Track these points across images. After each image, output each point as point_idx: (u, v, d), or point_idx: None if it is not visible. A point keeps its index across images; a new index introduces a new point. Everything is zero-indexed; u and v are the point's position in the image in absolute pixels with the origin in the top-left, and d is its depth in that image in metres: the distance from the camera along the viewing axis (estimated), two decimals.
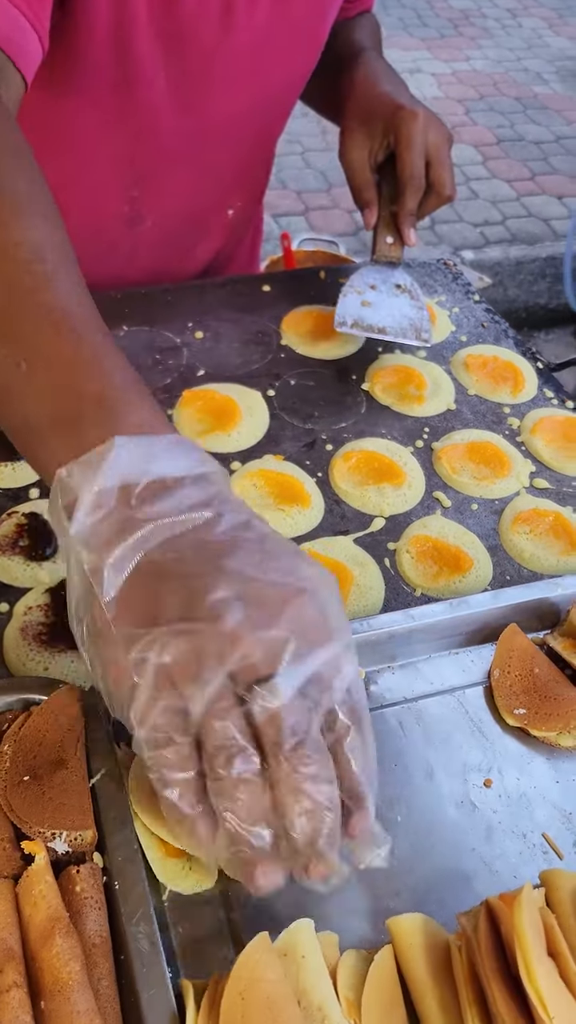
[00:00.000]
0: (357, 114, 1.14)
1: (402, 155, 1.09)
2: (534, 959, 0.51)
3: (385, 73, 1.21)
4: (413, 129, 1.08)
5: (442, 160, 1.11)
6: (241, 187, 1.33)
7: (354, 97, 1.16)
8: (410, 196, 1.11)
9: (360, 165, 1.13)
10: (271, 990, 0.52)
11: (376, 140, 1.12)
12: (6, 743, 0.63)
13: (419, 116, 1.08)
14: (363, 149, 1.13)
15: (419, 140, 1.08)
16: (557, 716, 0.74)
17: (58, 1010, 0.51)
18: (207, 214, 1.32)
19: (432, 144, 1.09)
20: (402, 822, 0.68)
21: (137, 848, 0.60)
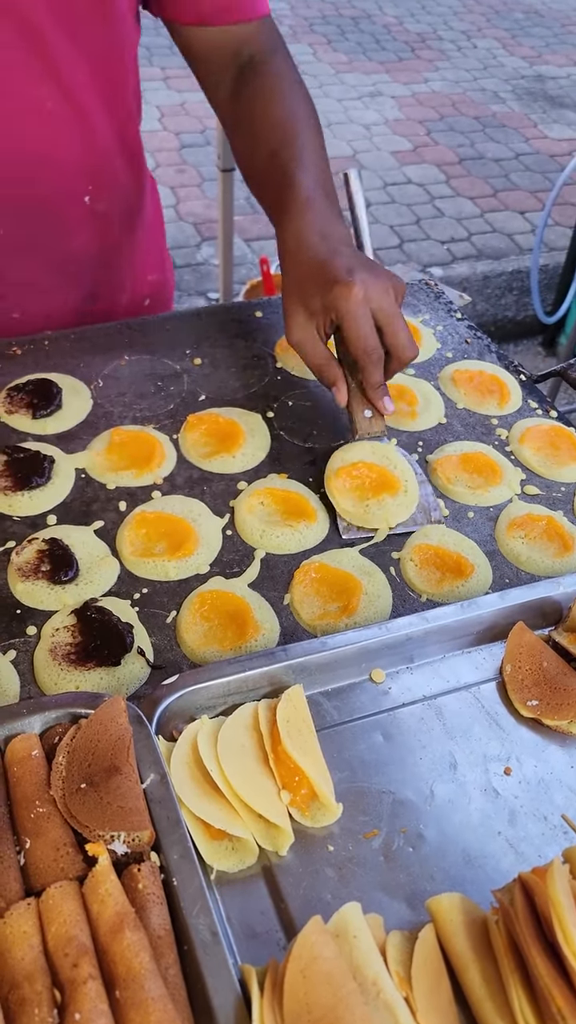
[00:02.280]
0: (295, 292, 1.06)
1: (349, 335, 1.03)
2: (569, 923, 0.55)
3: (312, 214, 1.10)
4: (353, 305, 1.00)
5: (393, 324, 1.03)
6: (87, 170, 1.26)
7: (288, 271, 1.09)
8: (371, 371, 1.06)
9: (311, 346, 1.06)
10: (329, 967, 0.56)
11: (319, 317, 1.05)
12: (60, 755, 0.67)
13: (354, 288, 1.00)
14: (308, 329, 1.06)
15: (362, 311, 1.01)
16: (568, 706, 0.79)
17: (132, 997, 0.55)
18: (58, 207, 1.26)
19: (378, 309, 1.02)
20: (431, 810, 0.73)
21: (191, 845, 0.64)
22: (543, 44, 6.46)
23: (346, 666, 0.82)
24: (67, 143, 1.21)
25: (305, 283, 1.05)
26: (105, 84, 1.22)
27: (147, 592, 0.98)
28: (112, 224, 1.35)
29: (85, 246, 1.33)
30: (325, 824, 0.72)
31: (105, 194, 1.30)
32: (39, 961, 0.57)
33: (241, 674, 0.78)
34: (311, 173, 1.15)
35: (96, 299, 1.40)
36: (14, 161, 1.18)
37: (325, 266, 1.04)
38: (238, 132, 1.28)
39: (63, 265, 1.33)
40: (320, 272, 1.04)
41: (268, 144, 1.20)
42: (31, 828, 0.64)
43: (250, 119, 1.24)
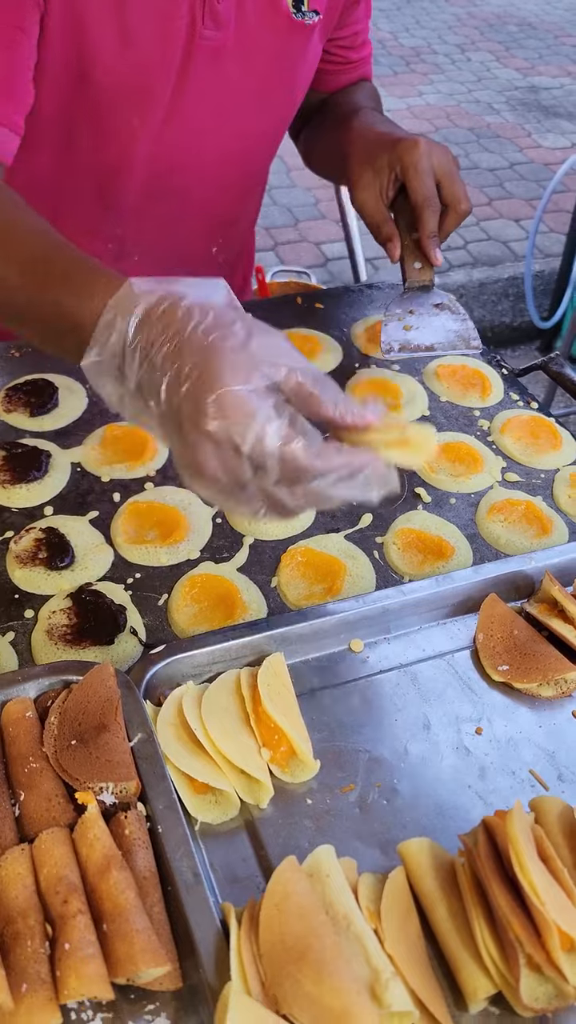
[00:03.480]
0: (361, 157, 1.17)
1: (411, 182, 1.12)
2: (526, 857, 0.59)
3: (382, 119, 1.26)
4: (416, 155, 1.11)
5: (452, 177, 1.13)
6: (222, 226, 1.42)
7: (354, 144, 1.20)
8: (429, 218, 1.14)
9: (373, 204, 1.16)
10: (302, 901, 0.60)
11: (383, 176, 1.14)
12: (52, 715, 0.72)
13: (419, 143, 1.12)
14: (373, 188, 1.15)
15: (425, 164, 1.11)
16: (537, 670, 0.83)
17: (119, 930, 0.59)
18: (190, 251, 1.41)
19: (439, 165, 1.12)
20: (405, 767, 0.77)
21: (175, 797, 0.68)
22: (536, 56, 6.54)
23: (326, 637, 0.87)
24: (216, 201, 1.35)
25: (372, 148, 1.16)
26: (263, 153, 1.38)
27: (140, 577, 1.02)
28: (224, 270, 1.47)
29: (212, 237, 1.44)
30: (304, 779, 0.76)
31: (230, 247, 1.46)
32: (32, 899, 0.61)
33: (225, 643, 0.82)
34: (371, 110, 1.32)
35: None
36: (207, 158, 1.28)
37: (391, 134, 1.16)
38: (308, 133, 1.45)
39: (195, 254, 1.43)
40: (386, 137, 1.16)
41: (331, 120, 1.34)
42: (25, 782, 0.68)
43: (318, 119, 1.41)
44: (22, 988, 0.57)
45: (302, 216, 4.43)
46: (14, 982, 0.57)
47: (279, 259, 4.07)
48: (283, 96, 1.30)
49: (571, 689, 0.85)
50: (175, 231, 1.35)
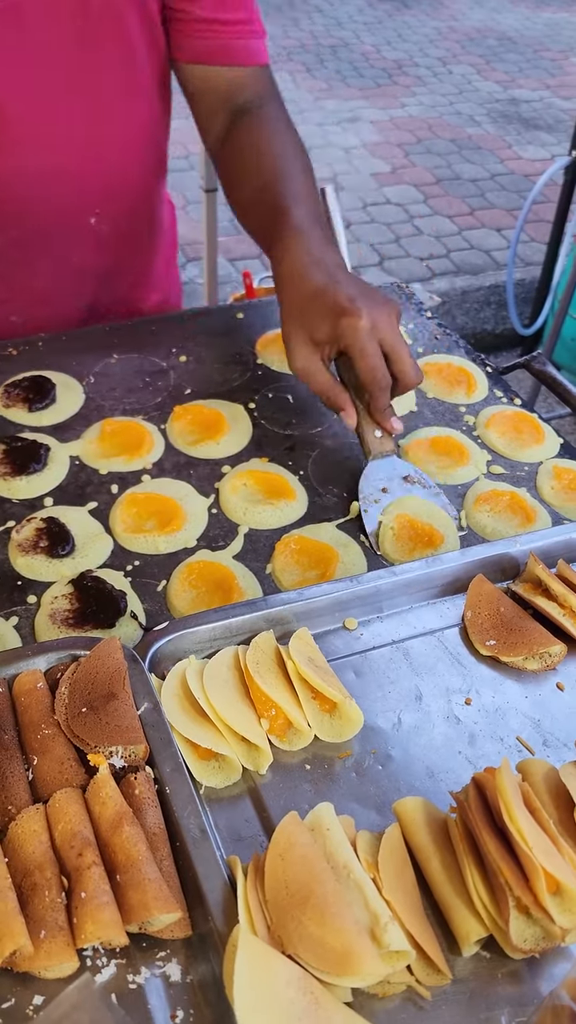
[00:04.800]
0: (296, 319, 1.08)
1: (360, 365, 1.06)
2: (514, 806, 0.63)
3: (309, 242, 1.12)
4: (362, 337, 1.03)
5: (399, 352, 1.06)
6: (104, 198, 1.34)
7: (286, 299, 1.11)
8: (380, 397, 1.09)
9: (317, 372, 1.09)
10: (304, 851, 0.64)
11: (324, 346, 1.08)
12: (63, 686, 0.75)
13: (360, 318, 1.02)
14: (313, 358, 1.08)
15: (371, 345, 1.04)
16: (522, 644, 0.88)
17: (131, 880, 0.63)
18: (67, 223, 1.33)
19: (385, 339, 1.05)
20: (399, 734, 0.81)
21: (181, 761, 0.72)
22: (516, 69, 6.65)
23: (321, 615, 0.91)
24: (80, 163, 1.28)
25: (306, 311, 1.07)
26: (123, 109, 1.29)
27: (139, 564, 1.05)
28: (115, 245, 1.41)
29: (86, 263, 1.40)
30: (301, 747, 0.80)
31: (111, 216, 1.37)
32: (48, 854, 0.64)
33: (225, 621, 0.86)
34: (302, 204, 1.18)
35: (95, 312, 1.47)
36: (32, 174, 1.25)
37: (326, 294, 1.05)
38: (229, 169, 1.33)
39: (64, 278, 1.41)
40: (321, 300, 1.05)
41: (259, 178, 1.24)
42: (38, 747, 0.72)
43: (241, 157, 1.29)
44: (41, 935, 0.60)
45: None
46: (33, 929, 0.61)
47: (264, 267, 4.12)
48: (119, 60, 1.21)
49: (555, 662, 0.89)
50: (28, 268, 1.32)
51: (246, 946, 0.59)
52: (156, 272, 1.55)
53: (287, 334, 1.10)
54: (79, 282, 1.42)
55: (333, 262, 1.11)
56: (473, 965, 0.66)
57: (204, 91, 1.33)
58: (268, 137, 1.29)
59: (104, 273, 1.44)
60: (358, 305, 1.03)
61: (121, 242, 1.42)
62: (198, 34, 1.27)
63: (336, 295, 1.04)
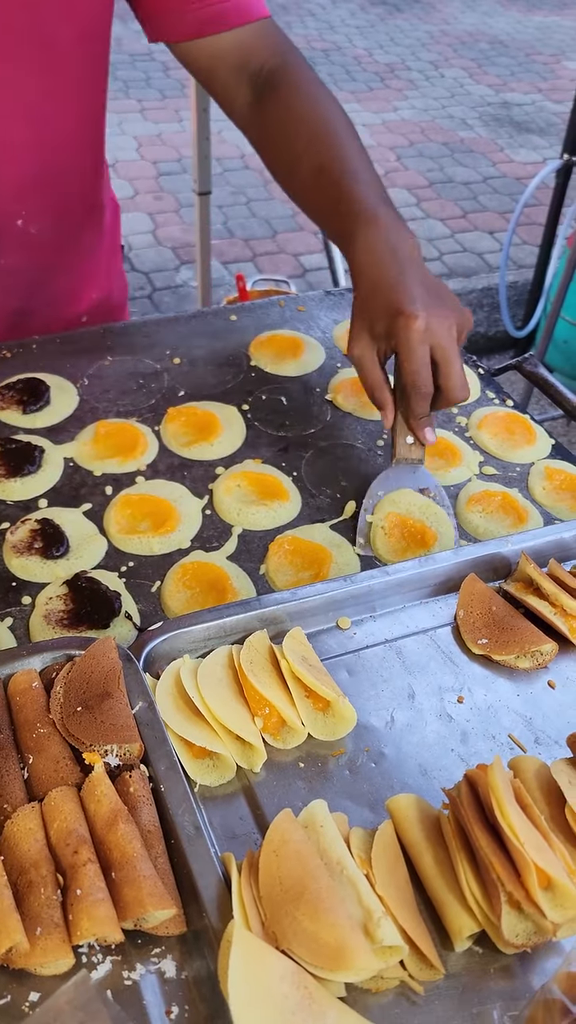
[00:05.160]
0: (362, 312, 1.07)
1: (403, 365, 1.03)
2: (506, 802, 0.64)
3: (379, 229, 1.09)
4: (413, 338, 1.01)
5: (449, 364, 1.03)
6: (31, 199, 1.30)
7: (358, 288, 1.09)
8: (417, 404, 1.06)
9: (370, 364, 1.07)
10: (298, 847, 0.64)
11: (381, 342, 1.06)
12: (58, 685, 0.76)
13: (418, 321, 1.00)
14: (370, 350, 1.07)
15: (419, 349, 1.01)
16: (514, 643, 0.88)
17: (126, 876, 0.63)
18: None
19: (437, 346, 1.02)
20: (392, 732, 0.82)
21: (175, 759, 0.73)
22: (508, 73, 6.68)
23: (314, 615, 0.91)
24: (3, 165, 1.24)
25: (373, 304, 1.05)
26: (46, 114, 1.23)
27: (133, 565, 1.06)
28: (46, 247, 1.37)
29: (16, 264, 1.36)
30: (295, 745, 0.80)
31: (40, 218, 1.33)
32: (43, 852, 0.65)
33: (219, 620, 0.87)
34: (369, 184, 1.15)
35: (30, 314, 1.44)
36: None
37: (394, 290, 1.03)
38: (270, 145, 1.26)
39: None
40: (385, 295, 1.03)
41: (313, 158, 1.18)
42: (33, 746, 0.72)
43: (283, 131, 1.23)
44: (36, 932, 0.61)
45: (280, 228, 4.50)
46: (29, 926, 0.61)
47: (258, 270, 4.14)
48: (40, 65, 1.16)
49: (546, 660, 0.90)
50: None
51: (240, 941, 0.59)
52: (95, 271, 1.52)
53: (352, 321, 1.09)
54: (6, 283, 1.38)
55: (407, 254, 1.08)
56: (465, 960, 0.67)
57: (214, 66, 1.26)
58: (306, 104, 1.22)
59: (35, 274, 1.41)
60: (417, 307, 1.01)
61: (53, 244, 1.39)
62: (183, 10, 1.21)
63: (401, 293, 1.03)
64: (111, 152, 5.32)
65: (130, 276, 4.04)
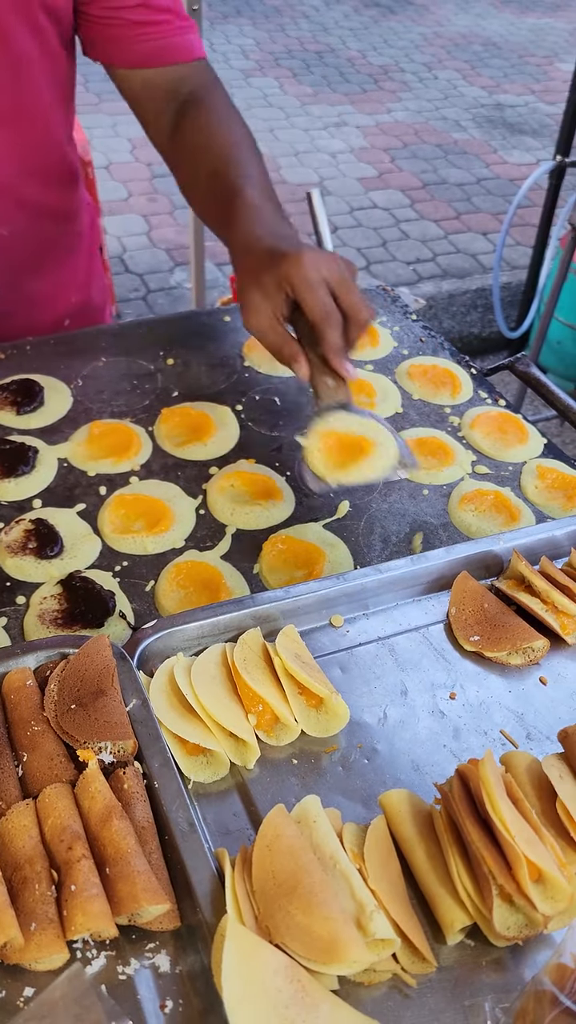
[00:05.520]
0: (248, 278, 1.09)
1: (306, 300, 1.04)
2: (497, 796, 0.65)
3: (261, 216, 1.14)
4: (304, 272, 1.03)
5: (347, 286, 1.05)
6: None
7: (239, 260, 1.12)
8: (331, 332, 1.05)
9: (268, 327, 1.08)
10: (291, 842, 0.65)
11: (274, 297, 1.06)
12: (52, 683, 0.76)
13: (303, 256, 1.03)
14: (265, 311, 1.07)
15: (315, 278, 1.03)
16: (506, 640, 0.89)
17: (121, 872, 0.64)
18: None
19: (330, 276, 1.05)
20: (384, 728, 0.83)
21: (169, 756, 0.73)
22: (501, 74, 6.70)
23: (307, 613, 0.92)
24: None
25: (258, 269, 1.08)
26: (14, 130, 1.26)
27: (127, 565, 1.06)
28: (18, 249, 1.39)
29: None
30: (288, 742, 0.81)
31: (11, 226, 1.35)
32: (38, 848, 0.65)
33: (213, 618, 0.87)
34: (256, 185, 1.19)
35: (8, 315, 1.45)
36: None
37: (275, 249, 1.07)
38: (180, 162, 1.33)
39: None
40: (269, 257, 1.07)
41: (210, 165, 1.24)
42: (27, 744, 0.72)
43: (191, 147, 1.29)
44: (31, 927, 0.61)
45: None
46: (24, 922, 0.61)
47: None
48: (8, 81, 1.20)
49: (538, 657, 0.90)
50: None
51: (234, 936, 0.60)
52: (74, 274, 1.53)
53: (241, 297, 1.09)
54: None
55: (284, 232, 1.12)
56: (458, 953, 0.67)
57: (147, 95, 1.33)
58: (215, 124, 1.29)
59: (8, 276, 1.42)
60: (301, 251, 1.05)
61: (25, 246, 1.40)
62: (132, 39, 1.27)
63: (283, 248, 1.07)
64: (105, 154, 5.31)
65: (124, 278, 4.05)
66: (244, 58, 6.43)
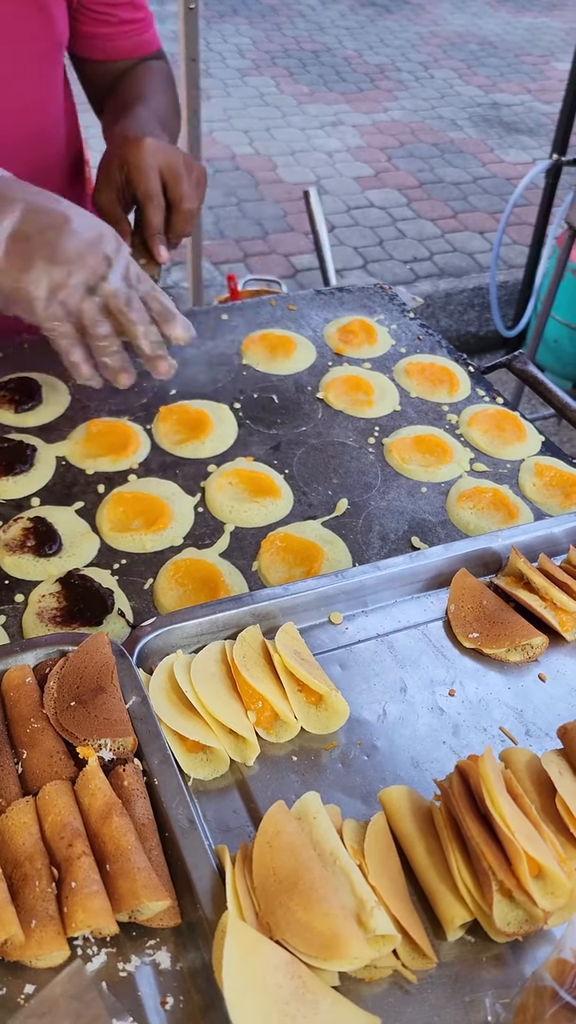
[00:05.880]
0: (103, 160, 1.18)
1: (133, 179, 1.13)
2: (496, 792, 0.65)
3: (138, 121, 1.23)
4: (139, 154, 1.12)
5: (177, 177, 1.14)
6: None
7: (106, 144, 1.22)
8: (150, 214, 1.14)
9: (107, 204, 1.17)
10: (292, 839, 0.65)
11: (116, 176, 1.15)
12: (51, 680, 0.76)
13: (143, 141, 1.12)
14: (108, 189, 1.16)
15: (148, 162, 1.12)
16: (505, 636, 0.89)
17: (121, 869, 0.64)
18: None
19: (165, 164, 1.13)
20: (384, 725, 0.83)
21: (169, 753, 0.73)
22: (497, 74, 6.70)
23: (306, 610, 0.92)
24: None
25: (110, 152, 1.17)
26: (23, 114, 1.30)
27: (125, 563, 1.06)
28: None
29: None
30: (288, 739, 0.81)
31: None
32: (38, 845, 0.65)
33: (212, 616, 0.87)
34: (149, 107, 1.28)
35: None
36: None
37: (125, 135, 1.16)
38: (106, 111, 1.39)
39: None
40: (121, 140, 1.15)
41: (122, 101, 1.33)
42: (27, 741, 0.72)
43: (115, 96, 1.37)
44: (31, 924, 0.61)
45: (271, 228, 4.50)
46: (24, 919, 0.61)
47: (249, 270, 4.14)
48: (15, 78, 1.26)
49: (537, 654, 0.90)
50: None
51: (235, 932, 0.60)
52: None
53: (97, 173, 1.20)
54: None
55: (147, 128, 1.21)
56: (458, 949, 0.67)
57: (105, 80, 1.40)
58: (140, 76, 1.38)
59: None
60: (143, 137, 1.14)
61: None
62: (118, 35, 1.36)
63: (130, 135, 1.16)
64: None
65: None
66: (240, 57, 6.43)
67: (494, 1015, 0.63)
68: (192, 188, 1.16)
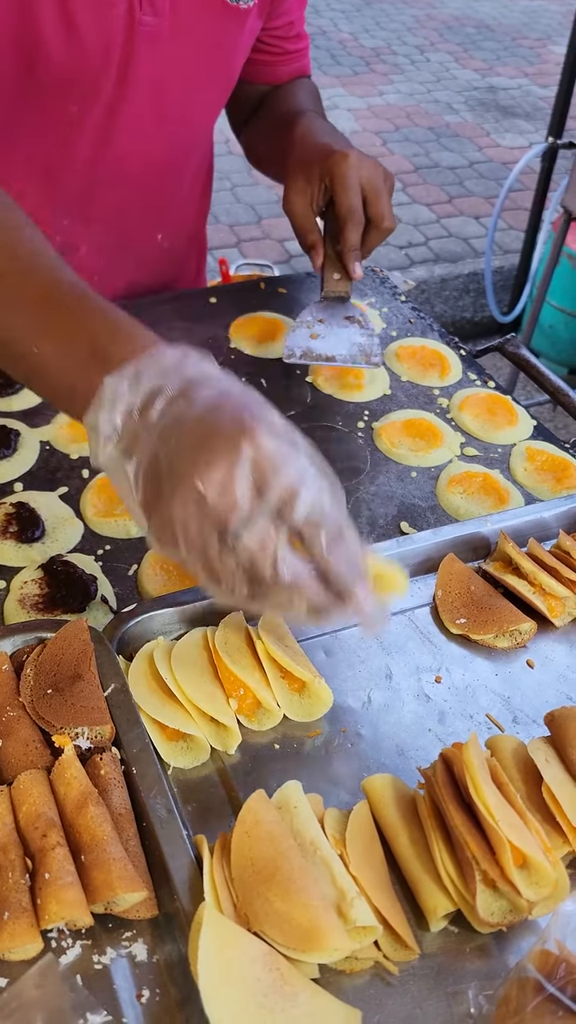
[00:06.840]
0: (297, 164, 1.20)
1: (337, 194, 1.15)
2: (481, 780, 0.63)
3: (323, 128, 1.28)
4: (345, 169, 1.14)
5: (378, 194, 1.16)
6: (167, 213, 1.43)
7: (294, 151, 1.23)
8: (350, 231, 1.17)
9: (302, 210, 1.20)
10: (271, 828, 0.63)
11: (315, 186, 1.18)
12: (28, 667, 0.74)
13: (350, 156, 1.14)
14: (304, 195, 1.19)
15: (352, 178, 1.14)
16: (492, 622, 0.88)
17: (96, 859, 0.62)
18: (136, 240, 1.42)
19: (367, 180, 1.15)
20: (369, 712, 0.81)
21: (148, 742, 0.72)
22: (494, 57, 6.64)
23: None
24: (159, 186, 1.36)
25: (308, 156, 1.19)
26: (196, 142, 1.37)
27: (110, 548, 1.05)
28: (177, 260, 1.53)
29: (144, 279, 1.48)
30: (270, 727, 0.79)
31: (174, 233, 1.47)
32: (12, 836, 0.64)
33: (194, 602, 0.85)
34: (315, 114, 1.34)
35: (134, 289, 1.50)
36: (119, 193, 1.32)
37: (326, 145, 1.19)
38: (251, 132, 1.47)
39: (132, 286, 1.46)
40: (322, 148, 1.19)
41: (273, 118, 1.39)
42: (2, 729, 0.71)
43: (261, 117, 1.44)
44: (3, 916, 0.60)
45: (265, 213, 4.47)
46: None
47: (242, 255, 4.10)
48: (220, 80, 1.32)
49: (525, 640, 0.89)
50: (121, 220, 1.36)
51: (211, 924, 0.59)
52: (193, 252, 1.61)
53: (287, 178, 1.22)
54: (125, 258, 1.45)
55: (339, 137, 1.25)
56: (441, 940, 0.66)
57: (253, 100, 1.45)
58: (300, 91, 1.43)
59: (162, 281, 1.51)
60: (349, 151, 1.16)
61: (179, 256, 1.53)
62: (280, 63, 1.42)
63: (334, 142, 1.20)
64: None
65: None
66: None
67: (477, 1007, 0.62)
68: (389, 207, 1.18)
